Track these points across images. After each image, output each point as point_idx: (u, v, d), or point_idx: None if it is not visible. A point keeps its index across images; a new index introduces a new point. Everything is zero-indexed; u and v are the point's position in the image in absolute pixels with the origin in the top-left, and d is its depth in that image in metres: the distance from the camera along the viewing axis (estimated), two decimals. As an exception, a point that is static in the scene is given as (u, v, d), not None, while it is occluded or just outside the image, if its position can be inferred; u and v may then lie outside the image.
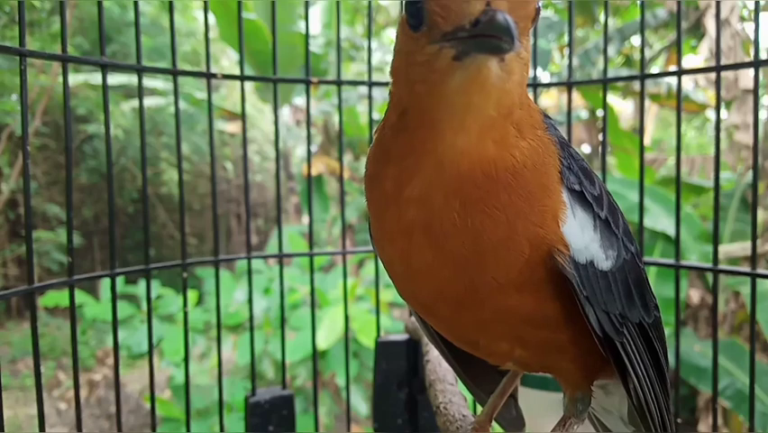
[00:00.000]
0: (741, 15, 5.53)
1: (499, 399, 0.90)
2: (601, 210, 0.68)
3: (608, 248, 0.67)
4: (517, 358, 0.73)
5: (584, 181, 0.66)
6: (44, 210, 7.30)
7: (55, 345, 6.86)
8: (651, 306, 0.75)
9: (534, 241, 0.62)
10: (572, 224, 0.63)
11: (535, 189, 0.61)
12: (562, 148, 0.66)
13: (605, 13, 1.68)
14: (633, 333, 0.71)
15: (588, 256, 0.64)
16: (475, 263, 0.62)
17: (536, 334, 0.68)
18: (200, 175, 8.73)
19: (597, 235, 0.66)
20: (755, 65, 1.20)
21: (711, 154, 2.32)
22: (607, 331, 0.67)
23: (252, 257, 1.50)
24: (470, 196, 0.60)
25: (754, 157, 1.25)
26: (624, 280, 0.69)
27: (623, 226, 0.72)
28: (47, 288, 1.19)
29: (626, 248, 0.70)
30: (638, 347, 0.72)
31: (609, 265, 0.67)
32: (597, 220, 0.67)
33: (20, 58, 1.04)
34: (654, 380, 0.75)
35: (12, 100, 6.41)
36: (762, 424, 3.83)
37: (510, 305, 0.64)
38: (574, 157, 0.67)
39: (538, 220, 0.61)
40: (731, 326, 4.96)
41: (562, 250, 0.62)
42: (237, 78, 1.47)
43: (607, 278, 0.67)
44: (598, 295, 0.65)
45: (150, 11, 7.89)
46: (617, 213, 0.71)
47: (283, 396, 1.45)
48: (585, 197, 0.66)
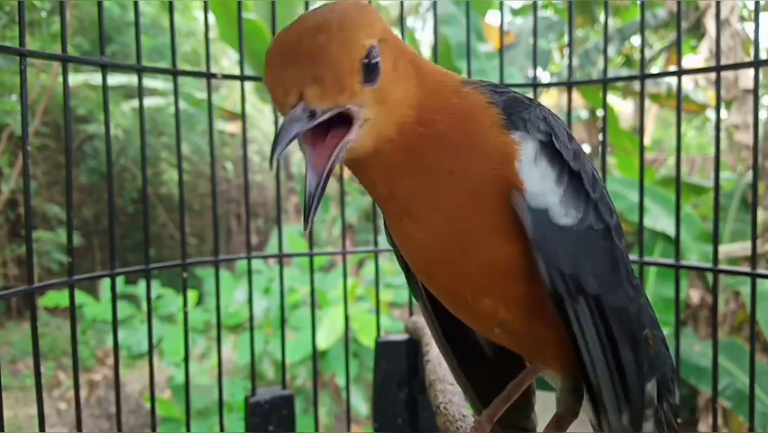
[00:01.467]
0: (741, 15, 5.53)
1: (503, 403, 0.89)
2: (575, 165, 0.69)
3: (570, 207, 0.68)
4: (503, 322, 0.73)
5: (558, 136, 0.69)
6: (44, 210, 7.30)
7: (55, 345, 6.86)
8: (622, 293, 0.73)
9: (487, 178, 0.66)
10: (531, 169, 0.66)
11: (463, 141, 0.67)
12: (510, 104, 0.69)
13: (605, 13, 1.68)
14: (590, 305, 0.69)
15: (543, 204, 0.66)
16: (445, 226, 0.68)
17: (514, 286, 0.69)
18: (200, 175, 8.73)
19: (558, 189, 0.67)
20: (755, 65, 1.20)
21: (711, 154, 2.32)
22: (557, 288, 0.67)
23: (252, 257, 1.50)
24: (413, 177, 0.67)
25: (754, 157, 1.25)
26: (585, 245, 0.69)
27: (602, 198, 0.72)
28: (47, 288, 1.20)
29: (600, 218, 0.70)
30: (595, 324, 0.70)
31: (568, 222, 0.67)
32: (564, 175, 0.68)
33: (20, 58, 1.04)
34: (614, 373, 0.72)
35: (12, 100, 6.42)
36: (762, 424, 3.83)
37: (485, 253, 0.68)
38: (545, 115, 0.70)
39: (481, 161, 0.66)
40: (731, 326, 4.96)
41: (517, 186, 0.65)
42: (237, 78, 1.47)
43: (563, 234, 0.67)
44: (549, 246, 0.66)
45: (150, 11, 7.88)
46: (598, 183, 0.72)
47: (283, 396, 1.45)
48: (555, 147, 0.68)
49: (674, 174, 1.40)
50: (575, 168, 0.69)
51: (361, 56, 0.59)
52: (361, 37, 0.59)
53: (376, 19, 0.64)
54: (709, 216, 5.34)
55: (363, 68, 0.60)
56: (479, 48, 5.23)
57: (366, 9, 0.63)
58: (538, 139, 0.67)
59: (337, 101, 0.59)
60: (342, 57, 0.58)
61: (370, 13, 0.63)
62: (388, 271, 4.53)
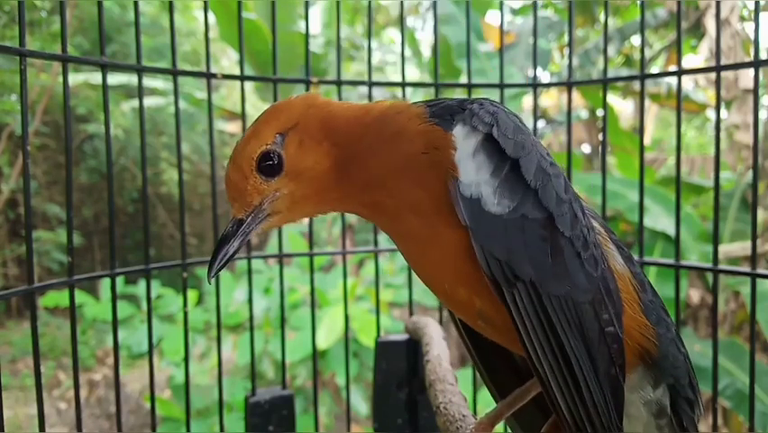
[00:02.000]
0: (741, 15, 5.53)
1: (507, 408, 0.89)
2: (514, 152, 0.72)
3: (504, 197, 0.71)
4: (481, 312, 0.76)
5: (500, 128, 0.73)
6: (44, 210, 7.30)
7: (55, 345, 6.86)
8: (565, 281, 0.73)
9: (423, 166, 0.73)
10: (468, 161, 0.72)
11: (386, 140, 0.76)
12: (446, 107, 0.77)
13: (605, 13, 1.68)
14: (528, 292, 0.72)
15: (475, 193, 0.71)
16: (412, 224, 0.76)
17: (471, 273, 0.73)
18: (200, 175, 8.73)
19: (493, 180, 0.71)
20: (755, 65, 1.20)
21: (711, 154, 2.32)
22: (494, 273, 0.70)
23: (252, 257, 1.50)
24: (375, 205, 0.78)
25: (754, 157, 1.25)
26: (518, 233, 0.71)
27: (546, 187, 0.73)
28: (47, 288, 1.19)
29: (540, 207, 0.72)
30: (535, 311, 0.72)
31: (499, 211, 0.71)
32: (502, 167, 0.72)
33: (20, 58, 1.04)
34: (560, 362, 0.72)
35: (12, 100, 6.42)
36: (762, 424, 3.83)
37: (442, 237, 0.74)
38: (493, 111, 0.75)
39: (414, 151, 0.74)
40: (731, 326, 4.96)
41: (453, 175, 0.71)
42: (237, 78, 1.47)
43: (494, 221, 0.71)
44: (482, 232, 0.71)
45: (150, 11, 7.88)
46: (547, 174, 0.74)
47: (283, 396, 1.45)
48: (496, 141, 0.72)
49: (674, 174, 1.40)
50: (514, 156, 0.72)
51: (251, 167, 0.77)
52: (249, 153, 0.77)
53: (283, 113, 0.79)
54: (709, 216, 5.34)
55: (262, 171, 0.77)
56: (479, 48, 5.23)
57: (267, 117, 0.79)
58: (482, 132, 0.72)
59: (252, 206, 0.78)
60: (238, 178, 0.78)
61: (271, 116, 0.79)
62: (388, 271, 4.53)
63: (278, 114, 0.79)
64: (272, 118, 0.79)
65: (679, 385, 0.84)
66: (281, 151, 0.77)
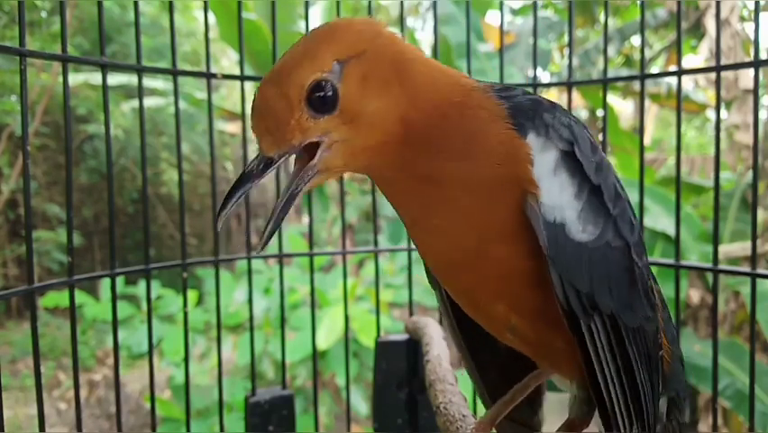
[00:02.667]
0: (741, 15, 5.53)
1: (506, 405, 0.89)
2: (595, 178, 0.66)
3: (589, 222, 0.65)
4: (514, 327, 0.71)
5: (580, 146, 0.66)
6: (44, 210, 7.29)
7: (55, 345, 6.86)
8: (639, 313, 0.71)
9: (495, 181, 0.64)
10: (550, 179, 0.64)
11: (464, 142, 0.65)
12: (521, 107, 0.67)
13: (605, 13, 1.68)
14: (605, 324, 0.68)
15: (559, 218, 0.63)
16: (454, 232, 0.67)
17: (526, 294, 0.68)
18: (200, 175, 8.73)
19: (577, 203, 0.65)
20: (755, 65, 1.20)
21: (711, 154, 2.32)
22: (572, 305, 0.65)
23: (252, 257, 1.50)
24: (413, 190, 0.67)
25: (754, 157, 1.25)
26: (602, 263, 0.66)
27: (623, 214, 0.69)
28: (47, 288, 1.19)
29: (620, 235, 0.68)
30: (610, 343, 0.68)
31: (585, 238, 0.65)
32: (584, 189, 0.66)
33: (20, 58, 1.04)
34: (629, 396, 0.71)
35: (12, 100, 6.41)
36: (762, 424, 3.83)
37: (495, 258, 0.67)
38: (570, 123, 0.67)
39: (486, 161, 0.64)
40: (731, 326, 4.96)
41: (532, 194, 0.63)
42: (237, 78, 1.47)
43: (579, 250, 0.65)
44: (564, 262, 0.64)
45: (150, 11, 7.88)
46: (621, 199, 0.70)
47: (283, 396, 1.45)
48: (576, 158, 0.65)
49: (674, 174, 1.40)
50: (596, 182, 0.66)
51: (301, 97, 0.61)
52: (300, 78, 0.61)
53: (343, 37, 0.64)
54: (709, 216, 5.33)
55: (312, 104, 0.62)
56: (479, 48, 5.23)
57: (322, 37, 0.64)
58: (560, 148, 0.65)
59: (290, 145, 0.62)
60: (279, 105, 0.62)
61: (329, 38, 0.64)
62: (388, 271, 4.53)
63: (339, 35, 0.64)
64: (331, 39, 0.63)
65: (678, 398, 0.85)
66: (338, 83, 0.62)
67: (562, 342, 0.71)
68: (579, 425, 0.77)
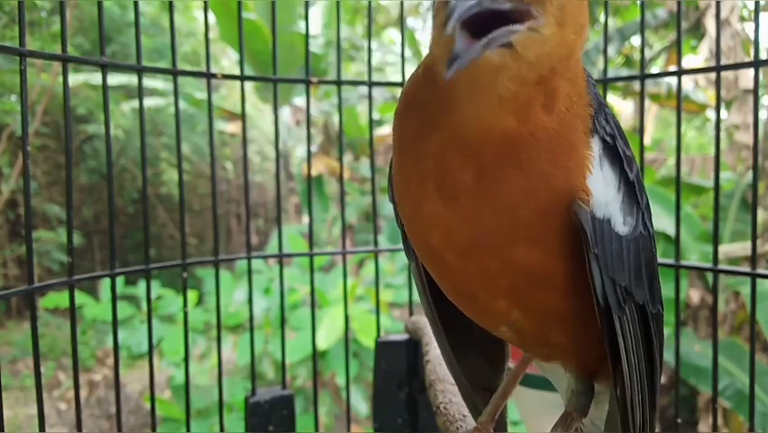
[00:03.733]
0: (741, 15, 5.53)
1: (501, 400, 0.89)
2: (630, 172, 0.65)
3: (628, 214, 0.65)
4: (513, 322, 0.69)
5: (619, 139, 0.64)
6: (44, 210, 7.29)
7: (55, 345, 6.86)
8: (657, 297, 0.72)
9: (555, 193, 0.61)
10: (598, 176, 0.62)
11: (562, 149, 0.60)
12: (599, 103, 0.64)
13: (605, 13, 1.68)
14: (634, 314, 0.68)
15: (606, 213, 0.62)
16: (486, 219, 0.62)
17: (538, 295, 0.66)
18: (200, 175, 8.73)
19: (619, 196, 0.64)
20: (755, 65, 1.20)
21: (711, 154, 2.32)
22: (609, 300, 0.63)
23: (252, 257, 1.50)
24: (487, 161, 0.59)
25: (754, 157, 1.25)
26: (636, 254, 0.66)
27: (646, 204, 0.70)
28: (47, 288, 1.19)
29: (645, 225, 0.68)
30: (636, 333, 0.69)
31: (626, 231, 0.64)
32: (623, 182, 0.64)
33: (20, 58, 1.04)
34: (645, 380, 0.72)
35: (12, 100, 6.41)
36: (762, 424, 3.83)
37: (517, 257, 0.63)
38: (609, 114, 0.65)
39: (562, 175, 0.60)
40: (731, 326, 4.96)
41: (583, 198, 0.60)
42: (237, 78, 1.47)
43: (620, 243, 0.64)
44: (609, 258, 0.62)
45: (150, 11, 7.89)
46: (643, 189, 0.69)
47: (283, 396, 1.45)
48: (618, 151, 0.64)
49: (674, 174, 1.40)
50: (631, 177, 0.66)
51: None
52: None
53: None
54: (709, 216, 5.33)
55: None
56: (479, 48, 5.22)
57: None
58: (607, 142, 0.63)
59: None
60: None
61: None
62: (388, 272, 4.53)
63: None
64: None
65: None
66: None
67: (565, 337, 0.70)
68: (576, 418, 0.77)
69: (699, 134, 11.04)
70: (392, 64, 8.28)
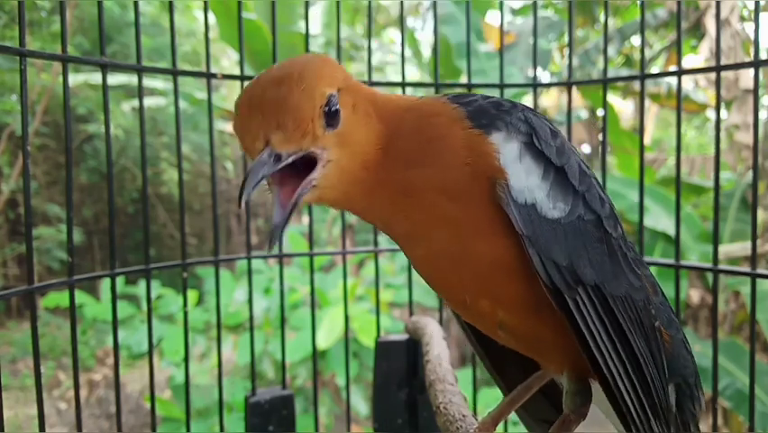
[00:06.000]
0: (741, 15, 5.53)
1: (509, 406, 0.89)
2: (558, 160, 0.71)
3: (558, 200, 0.70)
4: (502, 322, 0.74)
5: (539, 135, 0.71)
6: (44, 210, 7.29)
7: (55, 345, 6.86)
8: (623, 281, 0.73)
9: (464, 178, 0.68)
10: (516, 166, 0.68)
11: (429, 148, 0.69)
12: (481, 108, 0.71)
13: (605, 13, 1.68)
14: (590, 295, 0.70)
15: (530, 199, 0.68)
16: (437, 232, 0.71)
17: (507, 286, 0.71)
18: (200, 175, 8.73)
19: (545, 183, 0.69)
20: (755, 65, 1.20)
21: (711, 154, 2.32)
22: (554, 281, 0.68)
23: (252, 257, 1.50)
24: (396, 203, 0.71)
25: (754, 157, 1.25)
26: (577, 236, 0.70)
27: (591, 190, 0.73)
28: (47, 288, 1.19)
29: (590, 209, 0.72)
30: (598, 314, 0.70)
31: (557, 215, 0.69)
32: (549, 170, 0.70)
33: (20, 58, 1.04)
34: (633, 372, 0.72)
35: (12, 100, 6.41)
36: (762, 424, 3.83)
37: (473, 253, 0.70)
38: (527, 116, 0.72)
39: (452, 161, 0.68)
40: (731, 326, 4.96)
41: (502, 181, 0.67)
42: (237, 78, 1.47)
43: (553, 226, 0.68)
44: (541, 240, 0.67)
45: (150, 11, 7.88)
46: (586, 176, 0.74)
47: (283, 396, 1.45)
48: (535, 146, 0.70)
49: (674, 174, 1.40)
50: (558, 163, 0.71)
51: (321, 103, 0.64)
52: (320, 86, 0.65)
53: (336, 69, 0.69)
54: (709, 216, 5.33)
55: (324, 114, 0.65)
56: (479, 48, 5.23)
57: (326, 61, 0.69)
58: (521, 141, 0.69)
59: (300, 145, 0.63)
60: (304, 104, 0.63)
61: (331, 64, 0.69)
62: (388, 272, 4.53)
63: (333, 66, 0.69)
64: (331, 66, 0.69)
65: (685, 384, 0.85)
66: (338, 106, 0.67)
67: (551, 331, 0.72)
68: (573, 420, 0.77)
69: (699, 134, 11.03)
70: (392, 64, 8.28)
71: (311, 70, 0.65)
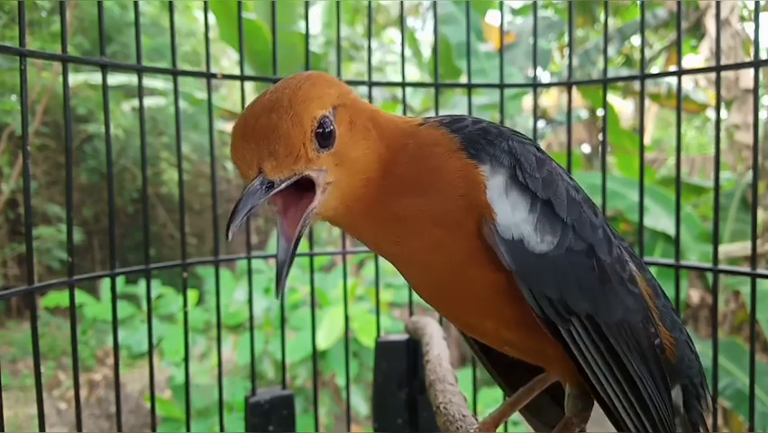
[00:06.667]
0: (741, 15, 5.53)
1: (510, 408, 0.90)
2: (543, 193, 0.70)
3: (546, 233, 0.69)
4: (507, 340, 0.75)
5: (523, 167, 0.70)
6: (44, 210, 7.29)
7: (55, 345, 6.86)
8: (617, 307, 0.73)
9: (456, 210, 0.68)
10: (502, 200, 0.68)
11: (427, 177, 0.69)
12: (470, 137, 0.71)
13: (605, 13, 1.68)
14: (585, 325, 0.70)
15: (516, 234, 0.67)
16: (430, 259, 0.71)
17: (507, 308, 0.71)
18: (200, 175, 8.73)
19: (531, 217, 0.69)
20: (755, 65, 1.20)
21: (711, 154, 2.32)
22: (547, 313, 0.68)
23: (252, 257, 1.50)
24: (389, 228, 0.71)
25: (754, 157, 1.25)
26: (567, 269, 0.70)
27: (581, 218, 0.72)
28: (47, 288, 1.20)
29: (580, 238, 0.71)
30: (594, 343, 0.71)
31: (545, 249, 0.69)
32: (536, 203, 0.69)
33: (20, 58, 1.04)
34: (627, 389, 0.73)
35: (12, 100, 6.41)
36: (762, 424, 3.83)
37: (470, 281, 0.70)
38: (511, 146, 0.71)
39: (447, 193, 0.68)
40: (731, 326, 4.96)
41: (489, 217, 0.67)
42: (237, 78, 1.47)
43: (542, 260, 0.68)
44: (531, 274, 0.67)
45: (150, 11, 7.88)
46: (575, 204, 0.73)
47: (283, 396, 1.45)
48: (519, 180, 0.69)
49: (674, 174, 1.40)
50: (544, 196, 0.70)
51: (312, 127, 0.64)
52: (311, 110, 0.64)
53: (331, 87, 0.69)
54: (709, 216, 5.33)
55: (317, 137, 0.65)
56: (479, 48, 5.23)
57: (318, 81, 0.68)
58: (505, 174, 0.69)
59: (293, 170, 0.63)
60: (293, 131, 0.63)
61: (323, 84, 0.68)
62: (388, 272, 4.52)
63: (328, 84, 0.69)
64: (325, 86, 0.68)
65: (692, 385, 0.86)
66: (334, 125, 0.67)
67: (552, 347, 0.73)
68: (575, 424, 0.78)
69: (699, 134, 11.03)
70: (392, 64, 8.28)
71: (301, 95, 0.65)
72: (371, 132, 0.70)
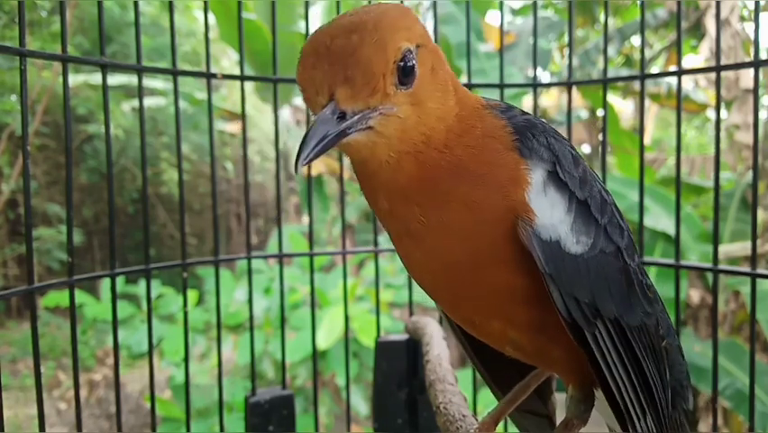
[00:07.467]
0: (741, 15, 5.53)
1: (508, 405, 0.90)
2: (581, 193, 0.68)
3: (582, 234, 0.67)
4: (512, 340, 0.73)
5: (562, 164, 0.67)
6: (44, 210, 7.29)
7: (55, 345, 6.86)
8: (636, 309, 0.73)
9: (498, 209, 0.64)
10: (541, 199, 0.64)
11: (481, 169, 0.64)
12: (521, 130, 0.67)
13: (605, 13, 1.68)
14: (608, 329, 0.69)
15: (554, 235, 0.64)
16: (445, 248, 0.66)
17: (522, 312, 0.69)
18: (200, 175, 8.73)
19: (568, 218, 0.66)
20: (755, 65, 1.20)
21: (711, 154, 2.32)
22: (575, 317, 0.66)
23: (252, 257, 1.50)
24: (422, 201, 0.64)
25: (754, 157, 1.25)
26: (598, 271, 0.68)
27: (612, 220, 0.71)
28: (47, 288, 1.20)
29: (611, 241, 0.70)
30: (615, 346, 0.70)
31: (580, 250, 0.66)
32: (572, 203, 0.67)
33: (20, 58, 1.04)
34: (640, 391, 0.73)
35: (12, 100, 6.41)
36: (762, 424, 3.83)
37: (490, 280, 0.67)
38: (550, 142, 0.68)
39: (495, 191, 0.64)
40: (731, 326, 4.96)
41: (526, 217, 0.64)
42: (237, 78, 1.47)
43: (576, 262, 0.66)
44: (564, 276, 0.65)
45: (150, 11, 7.88)
46: (607, 205, 0.71)
47: (283, 396, 1.45)
48: (559, 176, 0.66)
49: (674, 174, 1.40)
50: (581, 197, 0.67)
51: (395, 58, 0.58)
52: (396, 39, 0.58)
53: (416, 23, 0.62)
54: (709, 216, 5.33)
55: (398, 70, 0.58)
56: (479, 48, 5.23)
57: (406, 12, 0.62)
58: (545, 169, 0.66)
59: (368, 103, 0.57)
60: (376, 58, 0.57)
61: (410, 16, 0.62)
62: (388, 272, 4.53)
63: (413, 20, 0.62)
64: (412, 20, 0.62)
65: (680, 387, 0.87)
66: (416, 62, 0.60)
67: (561, 351, 0.72)
68: (576, 425, 0.78)
69: (699, 134, 11.03)
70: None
71: (388, 20, 0.58)
72: (450, 90, 0.64)
